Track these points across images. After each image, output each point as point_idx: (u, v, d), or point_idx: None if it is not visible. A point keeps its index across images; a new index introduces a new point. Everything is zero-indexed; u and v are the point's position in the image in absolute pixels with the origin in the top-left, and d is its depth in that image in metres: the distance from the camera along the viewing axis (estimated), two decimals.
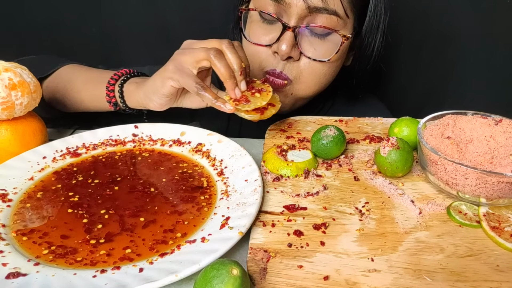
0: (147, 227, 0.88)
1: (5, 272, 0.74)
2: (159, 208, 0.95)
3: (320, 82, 1.33)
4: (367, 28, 1.32)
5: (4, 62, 1.10)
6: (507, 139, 0.96)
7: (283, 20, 1.23)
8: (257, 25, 1.30)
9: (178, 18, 2.04)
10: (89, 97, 1.32)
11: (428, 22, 1.90)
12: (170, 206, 0.96)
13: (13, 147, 1.11)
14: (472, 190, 0.92)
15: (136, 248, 0.83)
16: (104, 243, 0.84)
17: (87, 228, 0.88)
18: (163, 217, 0.92)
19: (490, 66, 1.93)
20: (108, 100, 1.26)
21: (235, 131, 1.22)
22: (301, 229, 0.88)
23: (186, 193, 1.00)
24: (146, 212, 0.93)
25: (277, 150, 1.11)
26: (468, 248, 0.83)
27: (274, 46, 1.25)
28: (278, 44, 1.23)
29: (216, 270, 0.68)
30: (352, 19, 1.28)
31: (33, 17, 2.11)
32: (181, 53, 1.11)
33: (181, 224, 0.89)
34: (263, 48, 1.28)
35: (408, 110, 1.28)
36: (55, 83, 1.35)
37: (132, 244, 0.84)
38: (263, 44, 1.27)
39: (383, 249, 0.83)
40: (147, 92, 1.17)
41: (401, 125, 1.16)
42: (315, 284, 0.74)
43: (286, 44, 1.21)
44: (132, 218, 0.91)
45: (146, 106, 1.19)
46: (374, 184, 1.04)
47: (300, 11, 1.20)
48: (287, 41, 1.21)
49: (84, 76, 1.35)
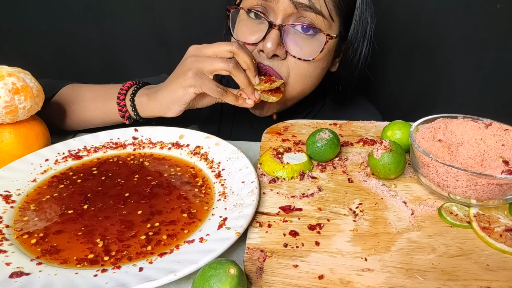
0: (147, 227, 0.88)
1: (9, 272, 0.75)
2: (159, 209, 0.95)
3: (305, 82, 1.33)
4: (352, 35, 1.33)
5: (7, 67, 1.10)
6: (497, 142, 0.96)
7: (269, 19, 1.24)
8: (245, 24, 1.31)
9: (176, 23, 2.05)
10: (100, 114, 1.32)
11: (419, 28, 1.91)
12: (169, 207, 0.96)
13: (16, 149, 1.11)
14: (463, 191, 0.92)
15: (136, 248, 0.83)
16: (104, 243, 0.84)
17: (88, 228, 0.88)
18: (163, 218, 0.92)
19: (480, 71, 1.94)
20: (121, 115, 1.27)
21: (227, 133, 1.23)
22: (297, 229, 0.88)
23: (185, 194, 1.01)
24: (146, 212, 0.93)
25: (273, 152, 1.12)
26: (459, 248, 0.83)
27: (260, 44, 1.25)
28: (263, 42, 1.24)
29: (214, 269, 0.68)
30: (338, 22, 1.28)
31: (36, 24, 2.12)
32: (197, 61, 1.13)
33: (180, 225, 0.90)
34: (251, 46, 1.28)
35: (401, 114, 1.28)
36: (57, 105, 1.35)
37: (132, 244, 0.84)
38: (250, 42, 1.27)
39: (376, 249, 0.83)
40: (165, 103, 1.19)
41: (394, 128, 1.16)
42: (310, 283, 0.75)
43: (271, 42, 1.22)
44: (132, 218, 0.91)
45: (164, 115, 1.22)
46: (368, 185, 1.04)
47: (286, 7, 1.21)
48: (272, 39, 1.22)
49: (90, 95, 1.34)
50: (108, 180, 1.06)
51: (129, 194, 1.00)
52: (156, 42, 2.12)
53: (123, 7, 2.04)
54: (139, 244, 0.84)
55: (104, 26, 2.10)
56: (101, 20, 2.08)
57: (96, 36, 2.13)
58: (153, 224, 0.90)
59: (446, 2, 1.83)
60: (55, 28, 2.12)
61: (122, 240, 0.85)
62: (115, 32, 2.11)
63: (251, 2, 1.26)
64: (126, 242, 0.84)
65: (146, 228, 0.88)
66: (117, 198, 0.99)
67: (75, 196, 1.00)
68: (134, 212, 0.93)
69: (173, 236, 0.86)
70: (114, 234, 0.87)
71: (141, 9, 2.03)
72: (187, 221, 0.91)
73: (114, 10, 2.05)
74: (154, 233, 0.87)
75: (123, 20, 2.08)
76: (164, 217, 0.92)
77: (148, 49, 2.14)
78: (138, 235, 0.86)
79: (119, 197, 0.99)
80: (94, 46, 2.16)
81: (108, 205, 0.96)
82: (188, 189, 1.03)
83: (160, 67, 1.68)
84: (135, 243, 0.84)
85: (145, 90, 1.26)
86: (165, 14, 2.03)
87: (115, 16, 2.07)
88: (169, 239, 0.85)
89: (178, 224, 0.90)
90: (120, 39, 2.13)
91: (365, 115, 1.42)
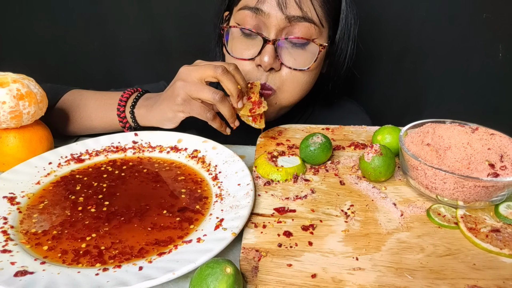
0: (147, 228, 0.89)
1: (14, 270, 0.75)
2: (158, 209, 0.95)
3: (302, 89, 1.33)
4: (340, 36, 1.34)
5: (12, 74, 1.10)
6: (483, 146, 0.97)
7: (263, 34, 1.23)
8: (239, 41, 1.30)
9: (174, 31, 2.05)
10: (102, 123, 1.33)
11: (408, 36, 1.92)
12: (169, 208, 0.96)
13: (21, 153, 1.11)
14: (450, 193, 0.92)
15: (136, 248, 0.83)
16: (106, 243, 0.84)
17: (89, 229, 0.89)
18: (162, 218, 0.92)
19: (467, 78, 1.95)
20: (122, 125, 1.28)
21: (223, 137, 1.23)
22: (290, 230, 0.88)
23: (183, 195, 1.01)
24: (146, 213, 0.93)
25: (268, 156, 1.12)
26: (446, 248, 0.83)
27: (257, 59, 1.25)
28: (260, 57, 1.24)
29: (211, 268, 0.69)
30: (327, 28, 1.29)
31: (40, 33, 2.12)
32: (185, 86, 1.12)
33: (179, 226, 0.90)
34: (246, 61, 1.28)
35: (390, 119, 1.28)
36: (60, 111, 1.35)
37: (132, 243, 0.84)
38: (246, 58, 1.27)
39: (367, 249, 0.83)
40: (160, 120, 1.21)
41: (384, 132, 1.17)
42: (304, 282, 0.75)
43: (268, 56, 1.22)
44: (133, 219, 0.91)
45: (161, 127, 1.23)
46: (359, 188, 1.04)
47: (279, 22, 1.21)
48: (268, 53, 1.22)
49: (92, 104, 1.34)
50: (110, 183, 1.06)
51: (130, 196, 1.00)
52: (155, 50, 2.12)
53: (124, 17, 2.04)
54: (139, 244, 0.84)
55: (105, 34, 2.10)
56: (103, 28, 2.08)
57: (98, 44, 2.13)
58: (153, 224, 0.90)
59: (434, 12, 1.84)
60: (59, 37, 2.12)
61: (122, 240, 0.85)
62: (116, 41, 2.11)
63: (243, 17, 1.26)
64: (127, 242, 0.84)
65: (146, 228, 0.89)
66: (118, 199, 0.99)
67: (77, 198, 1.00)
68: (134, 213, 0.93)
69: (172, 236, 0.86)
70: (114, 234, 0.87)
71: (141, 18, 2.04)
72: (185, 222, 0.91)
73: (115, 19, 2.05)
74: (154, 233, 0.87)
75: (124, 29, 2.08)
76: (163, 218, 0.92)
77: (148, 57, 2.14)
78: (138, 235, 0.86)
79: (120, 199, 0.99)
80: (96, 53, 2.16)
81: (110, 206, 0.96)
82: (186, 191, 1.03)
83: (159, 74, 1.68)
84: (135, 243, 0.84)
85: (144, 102, 1.27)
86: (164, 23, 2.03)
87: (116, 25, 2.07)
88: (168, 239, 0.85)
89: (176, 224, 0.90)
90: (121, 47, 2.13)
91: (355, 120, 1.42)
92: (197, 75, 1.11)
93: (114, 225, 0.90)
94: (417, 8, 1.85)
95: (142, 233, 0.87)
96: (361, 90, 2.05)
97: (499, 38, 1.83)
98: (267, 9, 1.20)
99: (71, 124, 1.35)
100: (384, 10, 1.88)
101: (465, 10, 1.80)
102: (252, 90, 1.19)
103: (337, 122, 1.37)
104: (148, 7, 2.01)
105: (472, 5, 1.79)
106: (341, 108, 1.60)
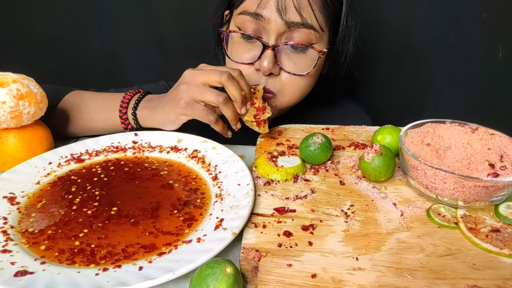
0: (147, 228, 0.88)
1: (14, 270, 0.74)
2: (158, 210, 0.95)
3: (302, 93, 1.33)
4: (340, 39, 1.33)
5: (12, 74, 1.10)
6: (483, 146, 0.97)
7: (263, 40, 1.23)
8: (239, 45, 1.30)
9: (174, 31, 2.05)
10: (103, 125, 1.33)
11: (408, 37, 1.92)
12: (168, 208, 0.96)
13: (21, 153, 1.11)
14: (450, 193, 0.92)
15: (136, 247, 0.83)
16: (106, 244, 0.84)
17: (89, 229, 0.88)
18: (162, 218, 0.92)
19: (467, 77, 1.95)
20: (124, 127, 1.29)
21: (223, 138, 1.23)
22: (290, 230, 0.88)
23: (183, 196, 1.00)
24: (146, 213, 0.93)
25: (268, 156, 1.12)
26: (446, 248, 0.83)
27: (256, 63, 1.26)
28: (260, 61, 1.24)
29: (211, 268, 0.69)
30: (327, 32, 1.29)
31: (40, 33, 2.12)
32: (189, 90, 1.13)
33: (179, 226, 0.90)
34: (246, 65, 1.28)
35: (390, 119, 1.28)
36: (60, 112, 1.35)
37: (132, 244, 0.84)
38: (246, 62, 1.28)
39: (367, 249, 0.83)
40: (162, 122, 1.22)
41: (384, 132, 1.17)
42: (304, 282, 0.75)
43: (268, 61, 1.22)
44: (132, 219, 0.91)
45: (163, 129, 1.24)
46: (359, 188, 1.04)
47: (278, 27, 1.21)
48: (268, 59, 1.22)
49: (93, 106, 1.34)
50: (110, 183, 1.06)
51: (130, 197, 1.00)
52: (155, 50, 2.12)
53: (124, 17, 2.04)
54: (139, 244, 0.84)
55: (105, 34, 2.10)
56: (102, 28, 2.08)
57: (97, 44, 2.13)
58: (152, 225, 0.90)
59: (435, 12, 1.84)
60: (59, 37, 2.12)
61: (122, 240, 0.85)
62: (116, 41, 2.11)
63: (243, 21, 1.26)
64: (126, 242, 0.84)
65: (146, 228, 0.88)
66: (118, 200, 0.99)
67: (77, 198, 1.00)
68: (134, 214, 0.93)
69: (172, 237, 0.86)
70: (115, 235, 0.87)
71: (141, 18, 2.04)
72: (185, 222, 0.91)
73: (115, 19, 2.05)
74: (154, 233, 0.87)
75: (124, 29, 2.08)
76: (163, 218, 0.92)
77: (147, 57, 2.14)
78: (137, 235, 0.86)
79: (120, 199, 0.99)
80: (95, 53, 2.16)
81: (110, 206, 0.96)
82: (186, 191, 1.03)
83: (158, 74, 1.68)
84: (135, 243, 0.84)
85: (146, 103, 1.27)
86: (164, 22, 2.03)
87: (116, 25, 2.07)
88: (168, 240, 0.85)
89: (176, 225, 0.90)
90: (121, 47, 2.13)
91: (355, 120, 1.42)
92: (202, 79, 1.11)
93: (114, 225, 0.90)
94: (417, 8, 1.85)
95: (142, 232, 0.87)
96: (361, 90, 2.05)
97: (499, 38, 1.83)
98: (267, 14, 1.20)
99: (72, 125, 1.35)
100: (384, 10, 1.89)
101: (465, 10, 1.81)
102: (255, 95, 1.19)
103: (337, 122, 1.37)
104: (148, 7, 2.01)
105: (472, 5, 1.79)
106: (341, 108, 1.60)
